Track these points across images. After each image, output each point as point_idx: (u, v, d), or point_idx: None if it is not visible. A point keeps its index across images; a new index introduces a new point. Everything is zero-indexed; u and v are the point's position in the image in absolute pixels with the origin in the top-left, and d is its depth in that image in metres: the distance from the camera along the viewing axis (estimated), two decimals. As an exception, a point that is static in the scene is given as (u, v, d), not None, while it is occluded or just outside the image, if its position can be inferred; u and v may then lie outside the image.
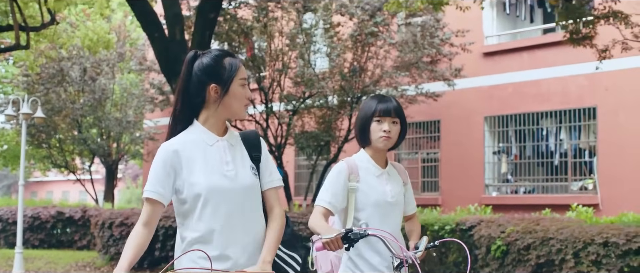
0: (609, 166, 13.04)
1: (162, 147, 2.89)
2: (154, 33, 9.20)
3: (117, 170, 20.78)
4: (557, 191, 13.98)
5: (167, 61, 9.23)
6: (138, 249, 2.72)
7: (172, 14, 9.35)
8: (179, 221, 2.91)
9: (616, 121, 13.06)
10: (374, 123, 3.56)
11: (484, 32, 14.93)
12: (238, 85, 2.90)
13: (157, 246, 11.82)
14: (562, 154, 13.99)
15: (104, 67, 17.86)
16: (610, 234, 6.89)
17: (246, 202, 2.91)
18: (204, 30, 9.09)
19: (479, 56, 14.79)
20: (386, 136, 3.54)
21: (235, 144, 3.00)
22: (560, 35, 9.70)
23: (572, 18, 8.95)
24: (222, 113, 2.92)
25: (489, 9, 15.06)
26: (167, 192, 2.83)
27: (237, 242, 2.85)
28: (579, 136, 13.85)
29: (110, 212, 12.86)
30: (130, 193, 32.69)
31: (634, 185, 12.62)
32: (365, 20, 12.49)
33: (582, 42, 8.94)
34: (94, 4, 16.15)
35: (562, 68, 13.70)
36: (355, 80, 13.11)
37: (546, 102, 13.96)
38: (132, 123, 18.43)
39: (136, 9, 9.32)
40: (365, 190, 3.53)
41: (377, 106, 3.57)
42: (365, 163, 3.60)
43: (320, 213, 3.42)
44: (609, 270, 6.80)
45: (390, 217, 3.55)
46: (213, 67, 2.89)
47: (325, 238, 3.15)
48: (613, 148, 13.03)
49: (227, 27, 13.01)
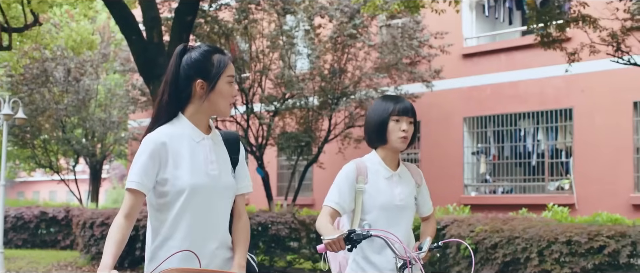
0: (585, 167, 13.25)
1: (149, 138, 2.86)
2: (131, 36, 9.33)
3: (102, 170, 20.86)
4: (534, 191, 14.19)
5: (145, 63, 9.37)
6: (120, 243, 2.68)
7: (150, 17, 9.48)
8: (152, 214, 2.89)
9: (592, 122, 13.27)
10: (392, 122, 3.52)
11: (464, 34, 15.13)
12: (225, 82, 2.90)
13: (138, 245, 11.92)
14: (540, 155, 14.20)
15: (88, 68, 17.95)
16: (573, 233, 7.08)
17: (224, 203, 2.94)
18: (181, 32, 9.23)
19: (459, 57, 14.99)
20: (405, 136, 3.52)
21: (218, 144, 3.01)
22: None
23: (543, 21, 9.14)
24: (207, 109, 2.92)
25: (468, 11, 15.26)
26: (150, 183, 2.82)
27: (209, 239, 2.87)
28: (556, 136, 14.06)
29: (92, 212, 12.98)
30: (116, 193, 32.77)
31: (609, 185, 12.83)
32: (344, 23, 12.64)
33: (553, 45, 9.12)
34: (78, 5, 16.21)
35: (540, 70, 13.90)
36: (334, 81, 13.26)
37: (524, 103, 14.16)
38: (116, 124, 18.54)
39: (115, 12, 9.45)
40: (372, 192, 3.51)
41: (396, 106, 3.55)
42: (376, 164, 3.58)
43: (327, 214, 3.42)
44: (572, 268, 6.99)
45: (398, 220, 3.52)
46: (201, 63, 2.88)
47: (327, 239, 3.16)
48: (589, 149, 13.24)
49: (208, 29, 13.15)
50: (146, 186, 2.80)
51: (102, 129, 18.35)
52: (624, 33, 8.60)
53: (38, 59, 16.83)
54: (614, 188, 12.79)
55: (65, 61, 17.54)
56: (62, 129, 18.09)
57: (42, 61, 17.04)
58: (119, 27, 9.79)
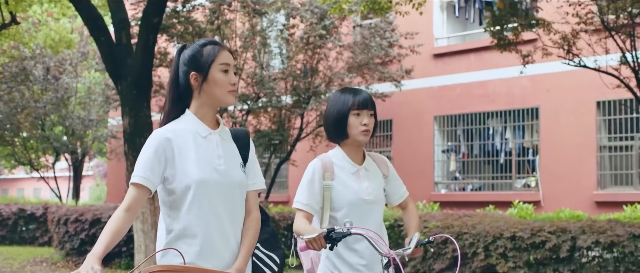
0: (550, 164, 13.57)
1: (154, 134, 2.87)
2: (100, 37, 9.56)
3: (82, 168, 21.06)
4: (502, 189, 14.50)
5: (113, 64, 9.60)
6: (115, 235, 2.65)
7: (119, 18, 9.70)
8: (164, 211, 2.89)
9: (557, 121, 13.60)
10: (352, 116, 3.48)
11: (434, 34, 15.42)
12: (217, 71, 2.89)
13: (111, 241, 12.16)
14: (507, 153, 14.52)
15: (67, 66, 18.16)
16: (517, 229, 7.39)
17: (234, 198, 2.92)
18: (148, 34, 9.46)
19: (429, 57, 15.29)
20: (366, 130, 3.49)
21: (227, 140, 3.00)
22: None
23: (498, 25, 9.43)
24: (207, 101, 2.92)
25: (439, 11, 15.57)
26: (156, 179, 2.80)
27: (223, 236, 2.86)
28: (523, 135, 14.40)
29: (67, 209, 13.20)
30: (100, 190, 32.94)
31: (573, 183, 13.16)
32: (314, 24, 12.92)
33: (508, 47, 9.42)
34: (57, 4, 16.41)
35: (507, 70, 14.19)
36: (305, 81, 13.53)
37: (492, 102, 14.48)
38: (95, 122, 18.76)
39: (83, 14, 9.67)
40: (340, 188, 3.46)
41: (355, 99, 3.51)
42: (341, 160, 3.52)
43: (302, 217, 3.38)
44: (516, 262, 7.29)
45: (368, 216, 3.46)
46: (193, 56, 2.92)
47: (307, 238, 3.13)
48: (554, 147, 13.57)
49: (182, 29, 13.38)
50: (151, 181, 2.79)
51: (81, 127, 18.56)
52: (574, 36, 8.90)
53: (17, 57, 17.02)
54: (577, 185, 13.12)
55: (45, 59, 17.73)
56: (42, 127, 18.29)
57: (21, 59, 17.23)
58: (88, 28, 10.01)
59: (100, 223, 12.22)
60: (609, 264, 7.01)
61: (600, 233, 7.08)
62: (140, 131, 9.58)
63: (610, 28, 8.73)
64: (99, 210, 12.64)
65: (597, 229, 7.15)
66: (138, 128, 9.59)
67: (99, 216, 12.33)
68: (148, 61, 9.68)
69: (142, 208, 9.52)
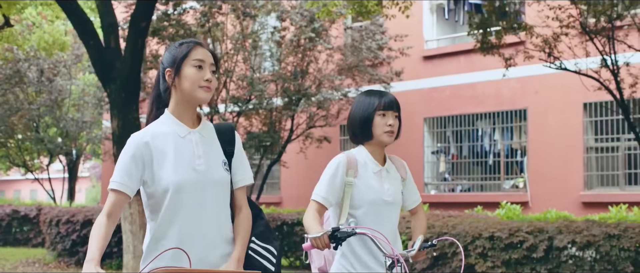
0: (538, 165, 13.71)
1: (132, 138, 2.87)
2: (89, 41, 9.68)
3: (78, 169, 21.20)
4: (491, 190, 14.65)
5: (102, 67, 9.72)
6: (104, 238, 2.69)
7: (108, 23, 9.83)
8: (147, 215, 2.91)
9: (545, 122, 13.74)
10: (378, 117, 3.51)
11: (424, 37, 15.56)
12: (189, 66, 2.88)
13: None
14: (496, 154, 14.66)
15: (61, 69, 18.29)
16: (496, 229, 7.53)
17: (216, 197, 2.89)
18: (136, 38, 9.58)
19: (419, 59, 15.43)
20: (391, 130, 3.53)
21: (209, 137, 2.98)
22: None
23: (481, 28, 9.57)
24: (181, 98, 2.91)
25: (429, 14, 15.71)
26: (133, 184, 2.81)
27: (204, 236, 2.86)
28: (511, 136, 14.54)
29: (59, 210, 13.35)
30: (96, 192, 33.08)
31: (560, 183, 13.29)
32: (303, 26, 13.06)
33: (491, 50, 9.56)
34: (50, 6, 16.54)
35: (496, 72, 14.24)
36: (295, 83, 13.67)
37: (481, 104, 14.62)
38: (89, 123, 18.89)
39: (73, 18, 9.80)
40: (362, 187, 3.46)
41: (381, 100, 3.54)
42: (365, 158, 3.53)
43: (314, 209, 3.38)
44: (494, 262, 7.43)
45: (386, 217, 3.47)
46: (169, 54, 2.95)
47: (312, 236, 3.12)
48: (542, 148, 13.71)
49: (173, 32, 13.52)
50: (129, 186, 2.80)
51: (75, 129, 18.69)
52: (556, 39, 9.04)
53: (11, 59, 17.15)
54: (565, 186, 13.26)
55: (39, 61, 17.86)
56: (36, 128, 18.42)
57: (15, 62, 17.36)
58: (77, 32, 10.13)
59: (90, 224, 12.34)
60: (585, 263, 7.15)
61: (577, 233, 7.22)
62: (129, 133, 9.57)
63: (591, 31, 8.87)
64: (90, 211, 12.78)
65: (574, 229, 7.29)
66: (127, 130, 9.70)
67: (90, 217, 12.47)
68: (137, 64, 9.81)
69: (131, 210, 9.65)
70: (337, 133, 15.87)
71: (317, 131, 14.61)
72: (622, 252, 7.10)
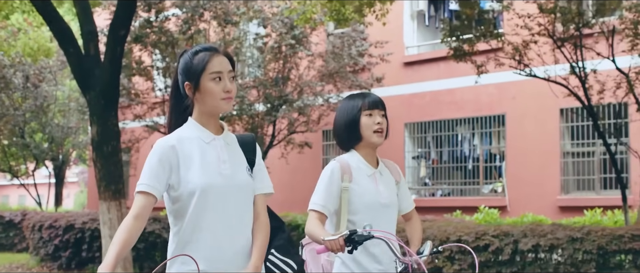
0: (516, 170, 13.92)
1: (159, 142, 2.87)
2: (69, 48, 9.84)
3: (64, 174, 21.29)
4: (470, 194, 14.84)
5: (82, 74, 9.88)
6: (126, 244, 2.67)
7: (87, 30, 9.99)
8: (171, 220, 2.89)
9: (522, 127, 13.95)
10: (364, 117, 3.44)
11: (405, 43, 15.77)
12: (208, 80, 2.85)
13: (84, 247, 12.46)
14: (475, 159, 14.86)
15: (46, 75, 18.41)
16: (463, 233, 7.71)
17: (240, 202, 2.89)
18: (115, 46, 9.76)
19: (400, 65, 15.63)
20: (379, 129, 3.45)
21: (232, 144, 2.99)
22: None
23: (455, 36, 9.77)
24: (204, 109, 2.91)
25: (409, 20, 15.92)
26: (161, 186, 2.81)
27: (230, 241, 2.85)
28: (490, 141, 14.75)
29: (42, 215, 13.48)
30: (84, 197, 33.18)
31: (537, 188, 13.49)
32: (284, 33, 13.24)
33: (464, 58, 9.75)
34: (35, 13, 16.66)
35: (475, 78, 14.54)
36: (276, 89, 13.84)
37: (461, 110, 14.82)
38: (75, 129, 19.01)
39: (53, 26, 9.96)
40: (357, 191, 3.42)
41: (365, 100, 3.47)
42: (357, 162, 3.48)
43: (316, 219, 3.34)
44: (461, 265, 7.61)
45: (384, 220, 3.41)
46: (186, 65, 2.90)
47: (328, 239, 3.06)
48: (519, 153, 13.91)
49: (156, 39, 13.68)
50: (157, 189, 2.80)
51: (61, 135, 18.81)
52: (525, 47, 9.24)
53: (-4, 66, 17.26)
54: (542, 190, 13.46)
55: (24, 67, 17.97)
56: (22, 134, 18.53)
57: (1, 67, 17.47)
58: (57, 40, 10.29)
59: (73, 229, 12.50)
60: (549, 266, 7.34)
61: (541, 237, 7.42)
62: (107, 139, 9.86)
63: (560, 39, 9.08)
64: (73, 217, 12.91)
65: (539, 233, 7.48)
66: (106, 136, 9.86)
67: (72, 222, 12.60)
68: (116, 71, 9.97)
69: (110, 215, 9.80)
70: (319, 139, 16.05)
71: (299, 137, 14.78)
72: (585, 254, 7.30)
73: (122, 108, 16.23)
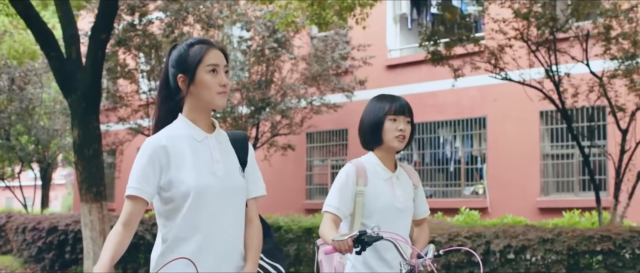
0: (497, 172, 14.07)
1: (148, 142, 2.74)
2: (51, 52, 9.94)
3: (51, 176, 21.33)
4: (452, 196, 14.98)
5: (64, 78, 9.98)
6: (118, 247, 2.59)
7: (69, 34, 10.08)
8: (161, 222, 2.77)
9: (503, 129, 14.10)
10: (388, 121, 3.44)
11: (388, 46, 15.91)
12: (205, 72, 2.73)
13: (68, 248, 12.54)
14: (457, 161, 15.01)
15: (32, 77, 18.46)
16: (436, 234, 7.84)
17: (233, 203, 2.80)
18: (96, 49, 9.86)
19: (383, 68, 15.77)
20: (401, 135, 3.45)
21: (224, 143, 2.88)
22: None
23: (432, 40, 9.92)
24: (197, 104, 2.78)
25: (392, 24, 16.06)
26: (151, 189, 2.69)
27: (224, 244, 2.76)
28: (472, 144, 14.90)
29: (25, 217, 13.54)
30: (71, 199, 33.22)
31: (518, 189, 13.65)
32: (266, 37, 13.36)
33: (441, 61, 9.90)
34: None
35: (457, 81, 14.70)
36: (259, 92, 13.95)
37: (442, 112, 14.96)
38: (60, 131, 19.06)
39: (34, 30, 10.05)
40: (372, 194, 3.40)
41: (392, 105, 3.47)
42: (374, 166, 3.47)
43: (330, 220, 3.32)
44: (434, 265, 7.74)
45: (398, 224, 3.39)
46: (179, 57, 2.79)
47: (336, 239, 3.04)
48: (500, 155, 14.06)
49: (140, 42, 13.78)
50: (147, 192, 2.68)
51: (47, 137, 18.87)
52: (500, 51, 9.39)
53: (-19, 68, 17.29)
54: (522, 192, 13.62)
55: (10, 70, 18.02)
56: (7, 136, 18.57)
57: (-14, 70, 17.52)
58: (39, 44, 10.39)
59: (56, 231, 12.57)
60: (521, 267, 7.47)
61: (513, 238, 7.56)
62: (89, 142, 9.97)
63: (535, 43, 9.23)
64: (56, 219, 12.98)
65: (511, 234, 7.62)
66: (87, 139, 9.96)
67: (55, 224, 12.67)
68: (97, 75, 10.07)
69: (91, 217, 9.89)
70: (303, 141, 16.16)
71: (282, 139, 14.90)
72: (555, 255, 7.44)
73: (106, 111, 16.36)
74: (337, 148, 16.54)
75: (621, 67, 8.86)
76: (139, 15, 13.43)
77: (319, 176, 16.81)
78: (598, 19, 9.06)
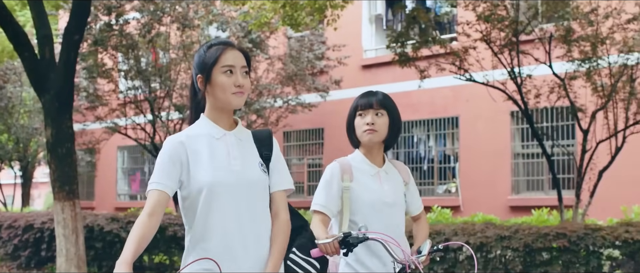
0: (469, 171, 14.32)
1: (168, 140, 2.86)
2: (24, 52, 10.04)
3: (32, 175, 21.40)
4: (426, 194, 15.19)
5: (37, 78, 10.08)
6: (141, 240, 2.61)
7: (42, 35, 10.19)
8: (185, 220, 2.86)
9: (475, 129, 14.35)
10: (357, 118, 3.51)
11: (363, 46, 16.12)
12: (219, 73, 2.82)
13: (43, 246, 12.66)
14: (430, 160, 15.25)
15: (11, 76, 18.54)
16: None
17: (252, 198, 2.83)
18: (69, 50, 9.97)
19: (358, 68, 15.98)
20: (369, 129, 3.45)
21: (245, 140, 2.94)
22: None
23: (399, 42, 10.12)
24: (215, 103, 2.87)
25: (368, 24, 16.28)
26: (172, 183, 2.77)
27: (242, 239, 2.78)
28: (445, 143, 15.14)
29: (2, 215, 13.65)
30: (53, 197, 33.29)
31: (489, 188, 13.90)
32: (241, 37, 13.53)
33: (408, 63, 10.10)
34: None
35: (430, 81, 14.83)
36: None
37: (416, 112, 15.19)
38: (40, 130, 19.14)
39: (8, 30, 10.15)
40: (359, 190, 3.41)
41: (359, 100, 3.54)
42: (359, 162, 3.50)
43: (318, 221, 3.31)
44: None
45: (389, 219, 3.40)
46: (199, 59, 2.89)
47: (321, 242, 2.98)
48: (472, 154, 14.32)
49: (117, 42, 13.91)
50: (168, 186, 2.76)
51: (26, 136, 18.95)
52: (464, 53, 9.61)
53: (-39, 67, 17.36)
54: (494, 190, 13.87)
55: (-11, 69, 18.09)
56: (-15, 135, 18.64)
57: (-34, 69, 17.59)
58: (12, 44, 10.48)
59: (32, 229, 12.69)
60: (479, 263, 7.69)
61: (471, 235, 7.77)
62: (62, 141, 10.09)
63: (498, 45, 9.45)
64: (32, 217, 13.09)
65: (469, 231, 7.84)
66: (60, 138, 10.08)
67: (31, 222, 12.79)
68: (70, 75, 10.19)
69: (64, 214, 10.02)
70: (280, 140, 16.33)
71: (258, 138, 15.06)
72: (512, 252, 7.67)
73: (84, 110, 16.47)
74: (313, 147, 16.75)
75: (580, 69, 9.10)
76: (116, 15, 13.55)
77: (296, 174, 16.99)
78: (560, 21, 9.29)
